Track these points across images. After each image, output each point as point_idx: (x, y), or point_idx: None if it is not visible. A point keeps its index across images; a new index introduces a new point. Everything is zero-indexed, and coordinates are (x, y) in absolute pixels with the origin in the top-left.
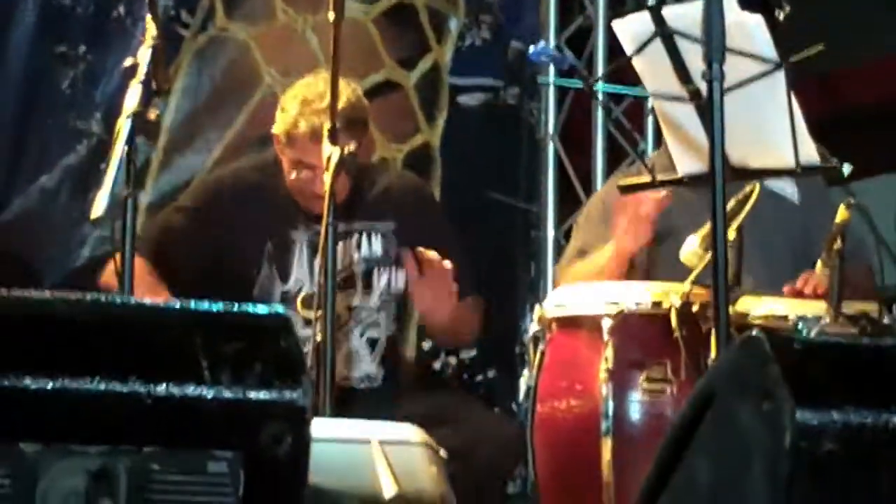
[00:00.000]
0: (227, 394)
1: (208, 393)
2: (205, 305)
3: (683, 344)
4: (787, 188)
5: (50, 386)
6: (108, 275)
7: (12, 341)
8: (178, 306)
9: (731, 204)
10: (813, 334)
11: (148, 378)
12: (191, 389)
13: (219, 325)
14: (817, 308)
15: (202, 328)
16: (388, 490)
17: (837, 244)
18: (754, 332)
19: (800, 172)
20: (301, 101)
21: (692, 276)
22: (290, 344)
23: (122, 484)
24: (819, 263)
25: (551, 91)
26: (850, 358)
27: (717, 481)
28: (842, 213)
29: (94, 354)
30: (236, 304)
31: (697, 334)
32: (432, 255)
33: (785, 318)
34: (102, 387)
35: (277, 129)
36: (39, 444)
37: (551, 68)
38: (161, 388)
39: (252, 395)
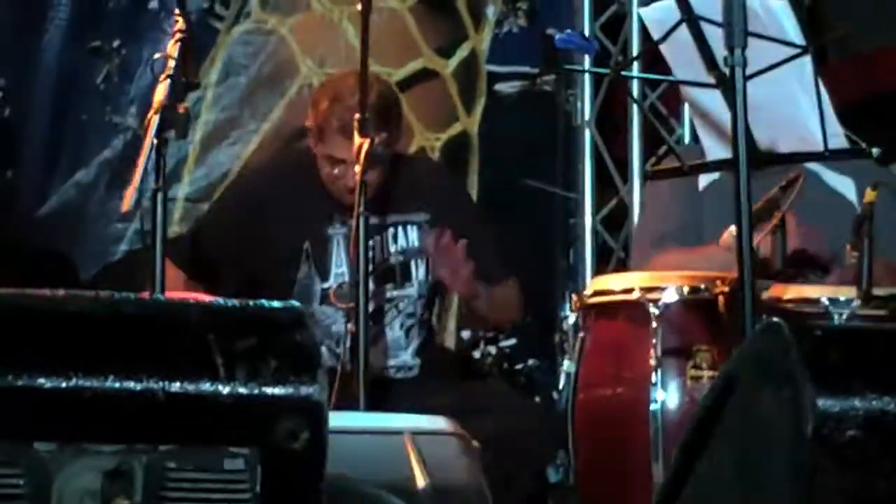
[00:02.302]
0: (243, 389)
1: (224, 389)
2: (219, 301)
3: (731, 330)
4: (847, 184)
5: (64, 385)
6: None
7: (26, 340)
8: (191, 303)
9: (773, 191)
10: (844, 317)
11: (162, 375)
12: (206, 386)
13: (233, 321)
14: (848, 291)
15: (216, 324)
16: (420, 481)
17: (866, 226)
18: (775, 319)
19: (828, 156)
20: (332, 97)
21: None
22: (305, 338)
23: (138, 483)
24: (848, 247)
25: (587, 78)
26: (871, 344)
27: (740, 468)
28: (869, 196)
29: (108, 352)
30: (250, 300)
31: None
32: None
33: (816, 301)
34: (117, 385)
35: (310, 123)
36: (54, 443)
37: (586, 56)
38: (176, 386)
39: (268, 390)
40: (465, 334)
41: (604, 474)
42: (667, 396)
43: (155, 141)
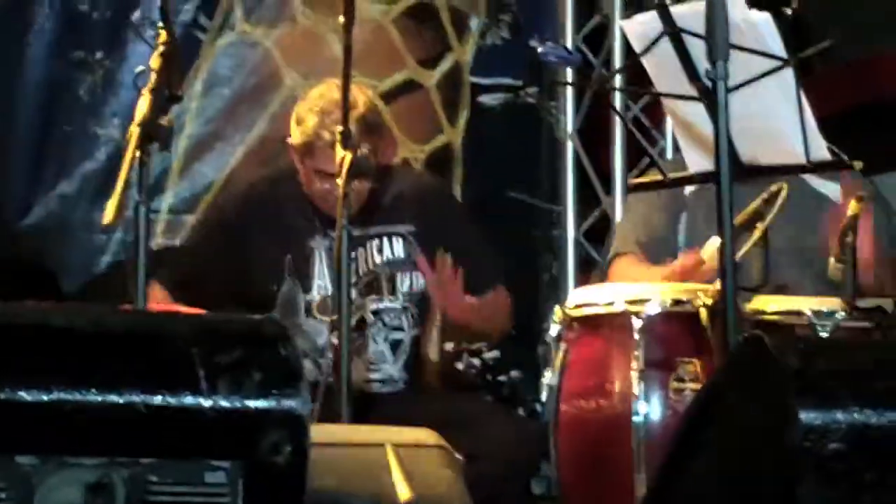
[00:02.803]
0: (225, 403)
1: (206, 402)
2: (202, 315)
3: (714, 343)
4: (833, 188)
5: (46, 398)
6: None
7: (7, 353)
8: (175, 316)
9: (756, 203)
10: (829, 329)
11: (145, 388)
12: (188, 399)
13: (216, 335)
14: (833, 303)
15: (199, 337)
16: (404, 493)
17: (850, 238)
18: (758, 332)
19: (810, 168)
20: (320, 112)
21: None
22: (288, 352)
23: (120, 496)
24: (832, 259)
25: (569, 91)
26: (854, 357)
27: (724, 481)
28: (853, 208)
29: (90, 365)
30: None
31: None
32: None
33: (800, 313)
34: (99, 398)
35: (295, 140)
36: (36, 456)
37: (568, 68)
38: (158, 399)
39: (250, 403)
40: (449, 346)
41: (587, 486)
42: (650, 409)
43: (137, 153)
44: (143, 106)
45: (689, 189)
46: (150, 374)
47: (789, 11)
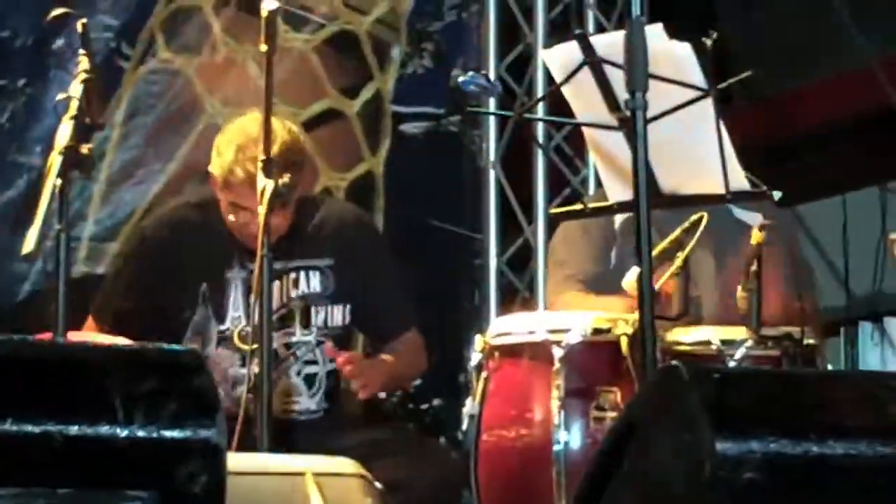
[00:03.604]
0: (142, 433)
1: (122, 432)
2: (118, 345)
3: (634, 371)
4: (754, 216)
5: None
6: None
7: None
8: (91, 346)
9: (677, 232)
10: (737, 357)
11: (61, 418)
12: (104, 429)
13: (133, 364)
14: (741, 333)
15: (116, 367)
16: None
17: (754, 266)
18: (674, 362)
19: (729, 198)
20: (236, 148)
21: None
22: (203, 382)
23: None
24: (739, 287)
25: (492, 120)
26: (769, 387)
27: None
28: (756, 237)
29: (6, 395)
30: (150, 344)
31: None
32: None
33: (708, 343)
34: (14, 428)
35: (214, 170)
36: None
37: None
38: (74, 429)
39: (166, 433)
40: None
41: None
42: (570, 437)
43: (58, 181)
44: (64, 134)
45: (618, 222)
46: (67, 404)
47: (709, 43)
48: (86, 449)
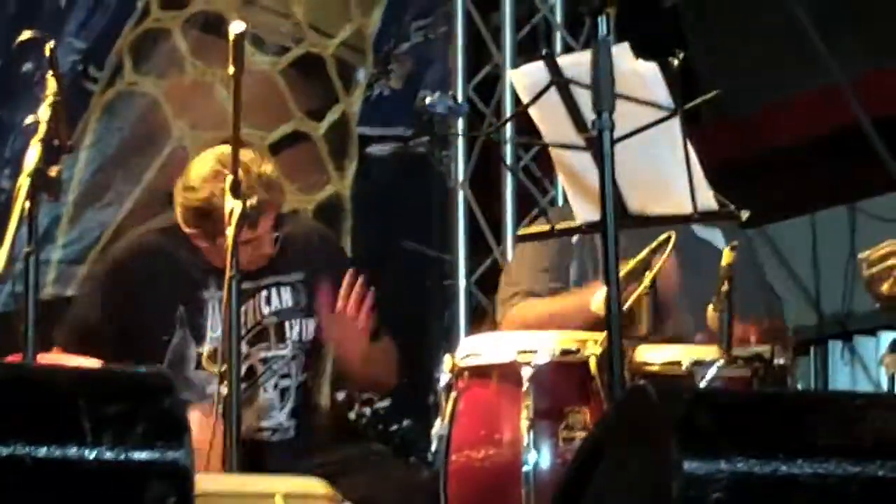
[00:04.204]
0: (110, 455)
1: (90, 454)
2: (87, 367)
3: (603, 391)
4: (715, 235)
5: None
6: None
7: None
8: (59, 368)
9: (644, 252)
10: (708, 378)
11: (29, 440)
12: (73, 451)
13: (101, 386)
14: (711, 352)
15: (84, 389)
16: None
17: (725, 287)
18: (642, 382)
19: (697, 218)
20: (213, 178)
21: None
22: (172, 404)
23: None
24: (710, 308)
25: (460, 140)
26: (737, 407)
27: None
28: (727, 256)
29: None
30: (119, 366)
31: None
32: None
33: (678, 363)
34: None
35: (187, 203)
36: None
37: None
38: (43, 451)
39: (135, 455)
40: (340, 395)
41: None
42: (539, 458)
43: (27, 204)
44: (32, 156)
45: (575, 237)
46: (36, 426)
47: (676, 62)
48: (54, 471)
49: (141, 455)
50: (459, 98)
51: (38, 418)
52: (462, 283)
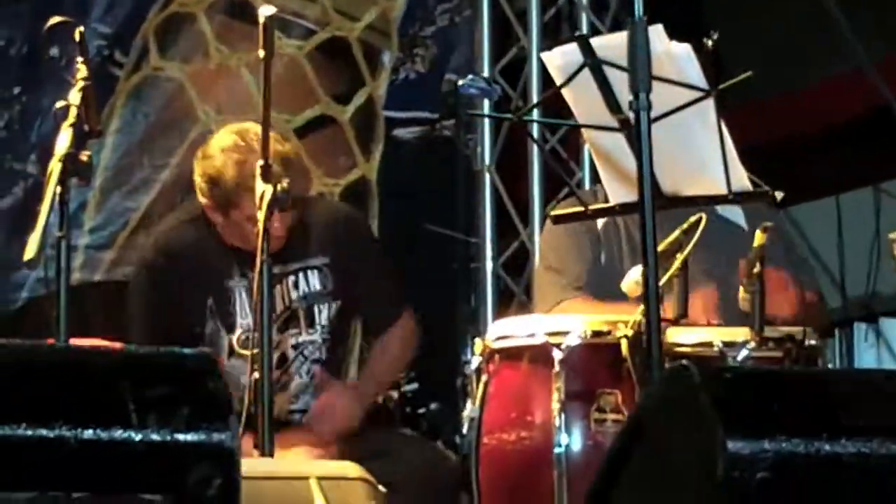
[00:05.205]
0: (155, 437)
1: (136, 436)
2: (131, 349)
3: (635, 373)
4: (737, 213)
5: None
6: None
7: None
8: (104, 350)
9: (675, 234)
10: (739, 359)
11: (75, 423)
12: (118, 433)
13: (145, 369)
14: (743, 334)
15: (129, 372)
16: None
17: (757, 268)
18: (684, 362)
19: (732, 199)
20: (229, 150)
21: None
22: (217, 386)
23: None
24: (741, 289)
25: (486, 123)
26: (780, 386)
27: None
28: (759, 238)
29: (20, 400)
30: (163, 348)
31: (648, 364)
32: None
33: (710, 344)
34: (29, 433)
35: (202, 171)
36: None
37: (486, 100)
38: (88, 433)
39: (180, 437)
40: None
41: None
42: (571, 440)
43: (58, 188)
44: (63, 141)
45: (600, 223)
46: (81, 408)
47: (710, 43)
48: (100, 453)
49: (186, 437)
50: None
51: (83, 400)
52: (489, 265)
